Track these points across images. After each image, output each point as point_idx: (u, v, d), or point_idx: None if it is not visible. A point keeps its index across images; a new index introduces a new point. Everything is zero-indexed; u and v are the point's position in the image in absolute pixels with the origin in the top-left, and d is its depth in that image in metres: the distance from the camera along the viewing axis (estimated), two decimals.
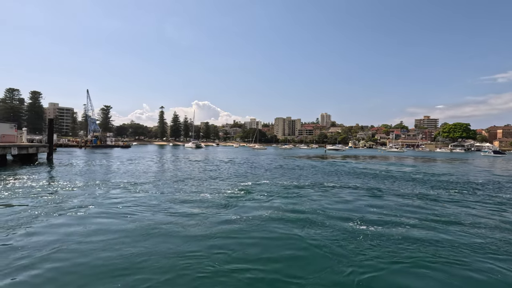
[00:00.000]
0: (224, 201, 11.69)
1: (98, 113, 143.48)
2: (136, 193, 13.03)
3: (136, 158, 39.70)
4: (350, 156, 63.05)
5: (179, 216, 9.25)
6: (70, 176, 18.43)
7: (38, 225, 8.08)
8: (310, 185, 16.88)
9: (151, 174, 20.95)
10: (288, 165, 31.97)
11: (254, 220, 9.00)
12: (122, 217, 9.12)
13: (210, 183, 16.79)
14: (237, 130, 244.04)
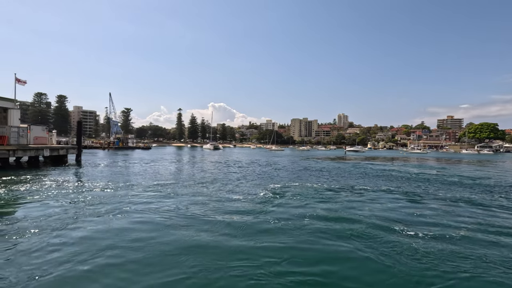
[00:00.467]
0: (259, 204, 11.41)
1: (119, 115, 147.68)
2: (168, 195, 12.99)
3: (158, 159, 40.31)
4: (371, 157, 61.31)
5: (218, 220, 9.04)
6: (101, 177, 18.78)
7: (79, 227, 8.10)
8: (342, 188, 16.31)
9: (177, 175, 21.04)
10: (312, 167, 31.34)
11: (296, 227, 8.64)
12: (160, 220, 9.02)
13: (239, 185, 16.58)
14: (253, 131, 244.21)
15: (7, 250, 6.36)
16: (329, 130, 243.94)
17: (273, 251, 6.70)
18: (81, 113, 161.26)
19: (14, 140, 23.99)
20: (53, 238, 7.19)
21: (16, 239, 7.01)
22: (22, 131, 25.21)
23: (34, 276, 5.27)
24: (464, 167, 35.80)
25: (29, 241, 6.90)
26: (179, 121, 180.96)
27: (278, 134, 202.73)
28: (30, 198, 11.73)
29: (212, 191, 14.22)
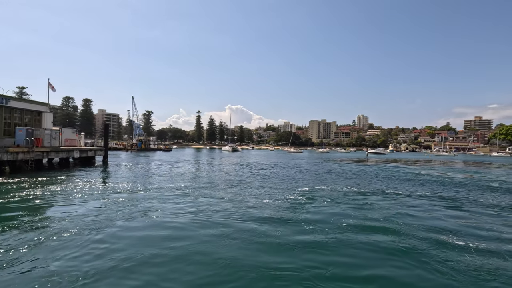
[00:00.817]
0: (290, 208, 11.08)
1: (140, 118, 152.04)
2: (197, 198, 12.94)
3: (181, 161, 40.87)
4: (395, 160, 59.19)
5: (251, 225, 8.80)
6: (130, 178, 19.13)
7: (116, 228, 8.11)
8: (373, 192, 15.65)
9: (203, 178, 21.09)
10: (336, 169, 30.57)
11: (331, 231, 8.25)
12: (193, 223, 8.90)
13: (266, 188, 16.31)
14: (270, 133, 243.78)
15: (50, 250, 6.42)
16: (349, 132, 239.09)
17: (314, 265, 6.35)
18: (105, 116, 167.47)
19: (47, 142, 25.01)
20: (93, 237, 7.22)
21: (58, 239, 7.09)
22: (54, 134, 26.26)
23: (76, 275, 5.25)
24: (500, 171, 33.66)
25: (70, 241, 6.96)
26: (198, 123, 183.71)
27: (296, 136, 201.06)
28: (66, 198, 12.03)
29: (241, 194, 14.04)
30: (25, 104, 25.82)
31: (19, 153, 21.33)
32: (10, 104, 23.90)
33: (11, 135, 23.87)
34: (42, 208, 10.55)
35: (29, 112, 26.20)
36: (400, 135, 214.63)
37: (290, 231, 8.21)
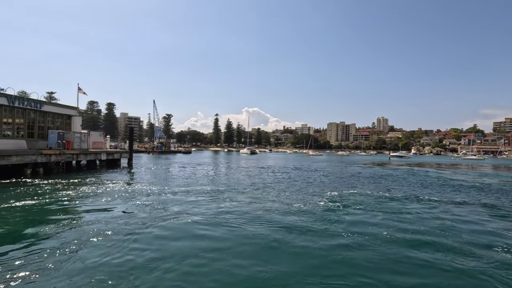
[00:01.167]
0: (324, 215, 10.64)
1: (160, 121, 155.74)
2: (226, 202, 12.77)
3: (202, 163, 41.19)
4: (421, 163, 56.78)
5: (289, 235, 8.46)
6: (157, 181, 19.35)
7: (151, 231, 8.04)
8: (406, 198, 14.88)
9: (228, 181, 20.99)
10: (362, 173, 29.63)
11: (373, 242, 7.76)
12: (228, 229, 8.69)
13: (293, 192, 15.93)
14: (288, 136, 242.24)
15: (92, 252, 6.41)
16: (368, 134, 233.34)
17: (355, 270, 5.93)
18: (127, 119, 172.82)
19: (77, 144, 25.91)
20: (130, 242, 7.16)
21: (98, 242, 7.09)
22: (83, 137, 27.19)
23: (115, 278, 5.14)
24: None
25: (110, 245, 6.93)
26: (216, 126, 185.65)
27: (314, 139, 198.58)
28: (99, 200, 12.23)
29: (270, 199, 13.74)
30: (57, 108, 26.89)
31: (51, 155, 22.18)
32: (43, 109, 24.96)
33: (44, 138, 24.88)
34: (78, 209, 10.74)
35: (60, 116, 27.25)
36: (423, 138, 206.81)
37: (331, 243, 7.80)
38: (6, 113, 22.15)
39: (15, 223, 8.90)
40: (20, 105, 22.92)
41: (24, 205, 11.03)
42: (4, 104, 21.60)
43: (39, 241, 7.27)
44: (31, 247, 6.78)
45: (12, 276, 5.33)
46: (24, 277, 5.34)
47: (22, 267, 5.70)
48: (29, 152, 20.55)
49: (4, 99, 21.55)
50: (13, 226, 8.52)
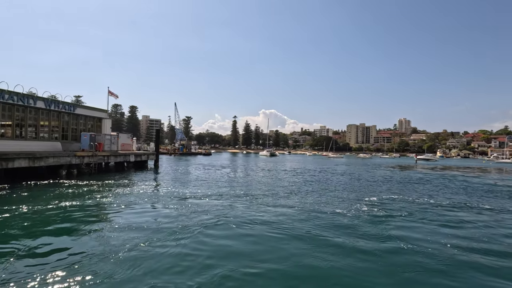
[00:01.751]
0: (372, 222, 9.93)
1: (180, 123, 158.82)
2: (264, 206, 12.33)
3: (226, 166, 41.15)
4: (451, 167, 53.91)
5: (341, 242, 7.89)
6: (186, 183, 19.27)
7: (197, 238, 7.72)
8: (454, 205, 13.82)
9: (259, 184, 20.61)
10: (393, 177, 28.36)
11: (438, 253, 7.04)
12: (275, 235, 8.23)
13: (328, 196, 15.26)
14: (306, 138, 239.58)
15: (143, 256, 6.15)
16: (390, 137, 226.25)
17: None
18: (148, 121, 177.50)
19: (107, 146, 26.49)
20: (178, 247, 6.87)
21: (147, 246, 6.86)
22: (113, 139, 27.80)
23: None
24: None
25: (157, 248, 6.67)
26: (234, 128, 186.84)
27: (333, 141, 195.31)
28: (136, 202, 12.17)
29: (308, 203, 13.18)
30: (89, 111, 27.66)
31: (84, 157, 22.74)
32: (76, 111, 25.74)
33: (77, 140, 25.64)
34: (119, 211, 10.66)
35: (91, 118, 28.03)
36: (449, 140, 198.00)
37: (391, 253, 7.16)
38: (43, 116, 22.97)
39: (59, 223, 8.90)
40: (56, 108, 23.71)
41: (66, 206, 11.13)
42: (41, 108, 22.40)
43: (87, 243, 7.15)
44: (78, 247, 6.66)
45: (56, 273, 5.14)
46: (69, 276, 5.13)
47: (70, 265, 5.52)
48: (64, 154, 21.15)
49: (42, 103, 22.36)
50: (57, 226, 8.51)
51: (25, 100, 20.97)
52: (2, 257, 6.26)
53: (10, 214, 9.81)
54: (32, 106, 21.69)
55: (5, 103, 19.80)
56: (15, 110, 20.67)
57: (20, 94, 20.59)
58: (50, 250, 6.78)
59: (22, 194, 13.82)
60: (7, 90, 19.70)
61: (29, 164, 18.27)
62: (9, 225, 8.66)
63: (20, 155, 17.78)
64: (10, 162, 17.14)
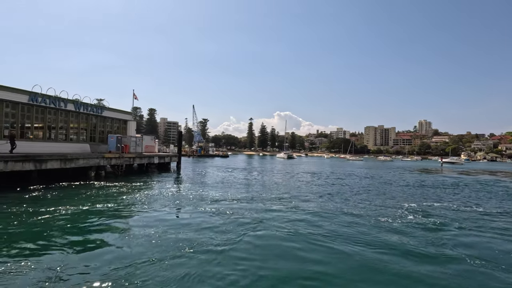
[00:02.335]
0: (425, 234, 9.12)
1: (197, 125, 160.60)
2: (300, 211, 11.75)
3: (246, 168, 40.80)
4: (480, 171, 51.02)
5: (399, 259, 7.19)
6: (214, 186, 18.97)
7: (243, 243, 7.26)
8: (507, 213, 12.71)
9: (286, 187, 20.04)
10: (424, 181, 26.99)
11: None
12: (321, 243, 7.66)
13: (366, 203, 14.46)
14: (322, 140, 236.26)
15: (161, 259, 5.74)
16: (410, 139, 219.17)
17: None
18: (166, 123, 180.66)
19: (132, 148, 26.73)
20: (225, 250, 6.43)
21: (192, 252, 6.47)
22: (138, 141, 28.04)
23: None
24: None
25: (203, 254, 6.25)
26: (250, 130, 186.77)
27: (350, 143, 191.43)
28: (168, 206, 11.92)
29: (345, 210, 12.48)
30: (115, 113, 28.06)
31: (112, 158, 22.97)
32: (104, 114, 26.15)
33: (104, 142, 26.01)
34: (156, 214, 10.39)
35: (117, 120, 28.42)
36: (474, 142, 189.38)
37: (461, 273, 6.41)
38: (72, 118, 23.43)
39: (92, 224, 8.71)
40: (84, 111, 24.15)
41: (99, 207, 11.01)
42: (71, 110, 22.86)
43: (121, 248, 6.84)
44: (112, 248, 6.35)
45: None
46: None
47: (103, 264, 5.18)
48: (93, 156, 21.42)
49: (72, 105, 22.81)
50: (91, 227, 8.31)
51: (56, 103, 21.43)
52: (48, 254, 6.08)
53: (50, 215, 9.75)
54: (63, 109, 22.15)
55: (38, 105, 20.29)
56: (47, 113, 21.16)
57: (52, 97, 21.07)
58: (95, 250, 6.54)
59: (59, 195, 13.92)
60: (41, 93, 20.19)
61: (61, 165, 18.55)
62: (52, 225, 8.54)
63: (52, 156, 18.08)
64: (44, 163, 17.44)
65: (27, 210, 10.51)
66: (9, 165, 15.53)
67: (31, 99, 19.61)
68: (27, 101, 19.44)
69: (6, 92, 18.17)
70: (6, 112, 18.48)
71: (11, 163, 15.62)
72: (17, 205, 11.23)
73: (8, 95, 18.31)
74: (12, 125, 19.03)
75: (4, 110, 18.31)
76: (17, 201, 12.07)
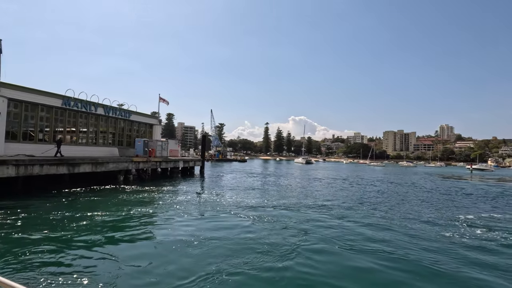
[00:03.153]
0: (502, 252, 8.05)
1: (214, 129, 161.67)
2: (348, 220, 10.87)
3: (269, 174, 40.02)
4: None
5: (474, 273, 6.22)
6: (246, 193, 18.37)
7: (300, 257, 6.51)
8: None
9: (321, 194, 19.13)
10: (464, 189, 25.27)
11: None
12: (359, 255, 6.77)
13: (416, 213, 13.36)
14: (339, 145, 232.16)
15: None
16: (431, 144, 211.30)
17: None
18: (183, 128, 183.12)
19: (158, 152, 26.62)
20: (278, 260, 5.69)
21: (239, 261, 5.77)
22: (164, 145, 27.93)
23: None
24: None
25: (256, 263, 5.54)
26: (266, 135, 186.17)
27: (368, 148, 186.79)
28: (206, 212, 11.35)
29: (393, 219, 11.49)
30: (142, 117, 28.16)
31: (140, 162, 22.84)
32: (131, 118, 26.24)
33: (131, 145, 26.04)
34: (195, 221, 9.82)
35: (143, 124, 28.50)
36: (501, 148, 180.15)
37: None
38: (102, 122, 23.58)
39: (135, 228, 8.21)
40: (113, 115, 24.28)
41: (137, 213, 10.57)
42: (101, 114, 23.00)
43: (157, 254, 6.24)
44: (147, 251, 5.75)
45: None
46: None
47: None
48: (122, 160, 21.33)
49: (102, 109, 22.96)
50: (133, 231, 7.80)
51: (87, 107, 21.60)
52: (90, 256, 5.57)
53: (89, 220, 9.37)
54: (93, 113, 22.31)
55: (70, 109, 20.48)
56: (78, 117, 21.34)
57: (84, 101, 21.24)
58: (132, 253, 5.99)
59: (94, 199, 13.69)
60: (73, 97, 20.38)
61: (92, 169, 18.49)
62: (98, 230, 8.13)
63: (84, 160, 18.05)
64: (76, 167, 17.41)
65: (68, 215, 10.22)
66: (45, 168, 15.56)
67: (64, 103, 19.82)
68: (60, 105, 19.65)
69: (42, 96, 18.40)
70: (41, 116, 18.71)
71: (47, 166, 15.64)
72: (57, 209, 10.98)
73: (44, 99, 18.54)
74: (42, 129, 19.28)
75: (39, 114, 18.54)
76: (56, 204, 11.87)
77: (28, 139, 18.26)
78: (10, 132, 17.08)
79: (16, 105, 17.31)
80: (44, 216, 9.97)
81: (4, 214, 9.81)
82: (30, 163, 14.77)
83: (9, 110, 16.77)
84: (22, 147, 17.39)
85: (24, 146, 17.50)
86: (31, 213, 10.30)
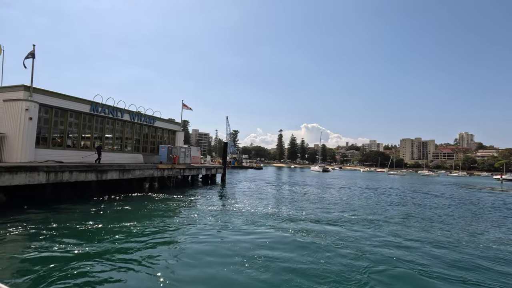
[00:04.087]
0: None
1: (228, 136, 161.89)
2: (402, 237, 9.76)
3: (291, 183, 38.94)
4: None
5: None
6: (274, 202, 17.47)
7: None
8: None
9: (355, 206, 17.98)
10: (508, 203, 23.41)
11: None
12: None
13: (469, 230, 12.07)
14: (354, 152, 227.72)
15: None
16: (451, 152, 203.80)
17: None
18: (197, 135, 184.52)
19: (181, 159, 26.14)
20: None
21: None
22: (187, 152, 27.47)
23: None
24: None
25: None
26: (280, 142, 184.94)
27: (384, 156, 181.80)
28: (233, 222, 10.51)
29: (448, 235, 10.27)
30: (165, 124, 27.88)
31: (164, 169, 22.34)
32: (155, 124, 25.95)
33: (154, 152, 25.69)
34: (227, 234, 9.00)
35: (167, 131, 28.19)
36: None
37: None
38: (127, 128, 23.34)
39: (167, 237, 7.44)
40: (138, 121, 24.02)
41: (168, 222, 9.84)
42: (127, 120, 22.77)
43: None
44: None
45: None
46: None
47: None
48: (148, 167, 20.89)
49: (127, 115, 22.73)
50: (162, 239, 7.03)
51: (114, 113, 21.39)
52: None
53: (123, 232, 8.70)
54: (120, 119, 22.10)
55: (98, 115, 20.30)
56: (105, 123, 21.14)
57: (111, 107, 21.05)
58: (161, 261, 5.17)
59: (125, 208, 13.13)
60: (101, 103, 20.21)
61: (119, 176, 18.08)
62: (126, 240, 7.42)
63: (112, 167, 17.67)
64: (104, 174, 17.03)
65: (100, 226, 9.61)
66: (74, 175, 15.22)
67: (92, 109, 19.65)
68: (88, 111, 19.49)
69: (71, 101, 18.27)
70: (70, 121, 18.55)
71: (76, 173, 15.30)
72: (87, 217, 10.41)
73: (73, 105, 18.41)
74: (68, 135, 19.12)
75: (68, 119, 18.39)
76: (87, 212, 11.34)
77: (57, 144, 18.09)
78: (39, 137, 16.93)
79: (46, 111, 17.20)
80: (75, 225, 9.40)
81: (35, 223, 9.28)
82: (60, 170, 14.44)
83: (40, 116, 16.64)
84: (51, 153, 17.19)
85: (53, 152, 17.30)
86: (61, 223, 9.76)
